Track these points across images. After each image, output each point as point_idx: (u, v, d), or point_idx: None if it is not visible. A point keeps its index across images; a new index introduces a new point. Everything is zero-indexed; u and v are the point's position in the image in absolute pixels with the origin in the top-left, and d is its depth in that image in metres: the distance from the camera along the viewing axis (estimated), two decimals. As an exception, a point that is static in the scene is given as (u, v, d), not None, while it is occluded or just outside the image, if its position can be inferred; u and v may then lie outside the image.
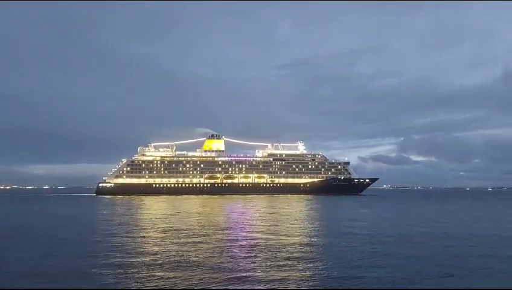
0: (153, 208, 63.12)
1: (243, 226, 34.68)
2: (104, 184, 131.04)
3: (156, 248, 22.79)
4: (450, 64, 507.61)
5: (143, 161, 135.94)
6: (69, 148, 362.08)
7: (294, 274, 16.45)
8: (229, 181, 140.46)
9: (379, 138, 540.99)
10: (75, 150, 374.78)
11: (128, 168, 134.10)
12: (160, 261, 19.07)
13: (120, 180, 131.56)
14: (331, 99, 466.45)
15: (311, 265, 18.31)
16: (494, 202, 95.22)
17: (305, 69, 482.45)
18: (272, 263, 18.38)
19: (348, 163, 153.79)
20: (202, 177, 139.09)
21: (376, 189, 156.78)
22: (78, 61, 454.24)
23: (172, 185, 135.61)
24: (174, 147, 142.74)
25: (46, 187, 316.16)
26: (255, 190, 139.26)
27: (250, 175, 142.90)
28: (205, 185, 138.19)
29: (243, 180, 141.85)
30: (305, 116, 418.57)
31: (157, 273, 16.53)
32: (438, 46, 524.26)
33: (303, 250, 22.26)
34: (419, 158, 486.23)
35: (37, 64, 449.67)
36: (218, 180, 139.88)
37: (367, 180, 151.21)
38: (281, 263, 18.58)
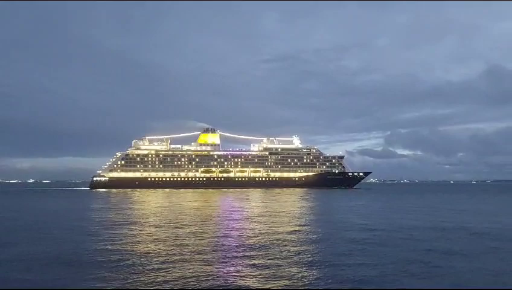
0: (149, 201, 63.01)
1: (238, 218, 34.82)
2: (99, 178, 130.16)
3: (149, 241, 22.67)
4: (434, 59, 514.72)
5: (137, 155, 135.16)
6: (54, 141, 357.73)
7: (288, 265, 16.54)
8: (225, 175, 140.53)
9: (366, 132, 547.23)
10: (60, 144, 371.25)
11: (123, 162, 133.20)
12: (152, 254, 18.90)
13: (115, 174, 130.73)
14: (317, 94, 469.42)
15: (304, 255, 18.53)
16: (478, 195, 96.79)
17: (291, 64, 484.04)
18: (266, 254, 18.43)
19: (342, 157, 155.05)
20: (198, 171, 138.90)
21: (364, 183, 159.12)
22: (60, 53, 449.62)
23: (168, 179, 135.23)
24: (169, 141, 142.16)
25: (31, 181, 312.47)
26: (251, 183, 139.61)
27: (246, 169, 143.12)
28: (201, 179, 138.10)
29: (238, 174, 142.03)
30: (291, 111, 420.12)
31: (149, 266, 16.35)
32: (422, 42, 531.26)
33: (297, 241, 22.55)
34: (405, 152, 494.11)
35: (16, 56, 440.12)
36: (214, 174, 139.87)
37: (361, 174, 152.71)
38: (275, 254, 18.68)
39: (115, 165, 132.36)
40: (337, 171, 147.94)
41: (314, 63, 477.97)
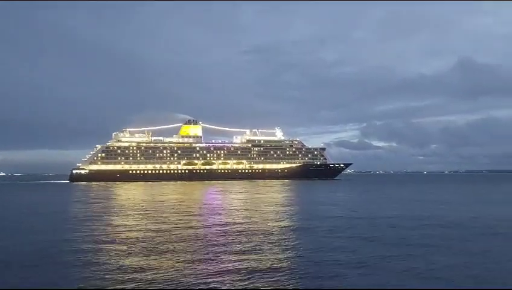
0: (130, 194, 62.37)
1: (220, 211, 34.81)
2: (78, 171, 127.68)
3: (130, 234, 22.44)
4: (408, 53, 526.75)
5: (118, 147, 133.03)
6: (27, 133, 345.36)
7: (268, 256, 16.59)
8: (208, 167, 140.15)
9: (342, 124, 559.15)
10: (35, 136, 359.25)
11: (103, 154, 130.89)
12: (134, 247, 18.67)
13: (95, 167, 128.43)
14: (295, 86, 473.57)
15: (285, 247, 18.63)
16: (449, 185, 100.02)
17: (269, 56, 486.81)
18: (247, 246, 18.44)
19: (324, 149, 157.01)
20: (180, 163, 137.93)
21: (343, 174, 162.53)
22: (36, 44, 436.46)
23: (150, 172, 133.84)
24: (150, 133, 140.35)
25: (2, 174, 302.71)
26: (234, 175, 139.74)
27: (228, 161, 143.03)
28: (183, 171, 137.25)
29: (221, 166, 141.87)
30: (271, 103, 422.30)
31: (129, 260, 16.12)
32: (396, 35, 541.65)
33: (278, 232, 22.60)
34: (381, 144, 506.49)
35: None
36: (197, 167, 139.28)
37: (342, 165, 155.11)
38: (256, 245, 18.76)
39: (95, 158, 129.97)
40: (319, 163, 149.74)
41: (292, 55, 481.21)
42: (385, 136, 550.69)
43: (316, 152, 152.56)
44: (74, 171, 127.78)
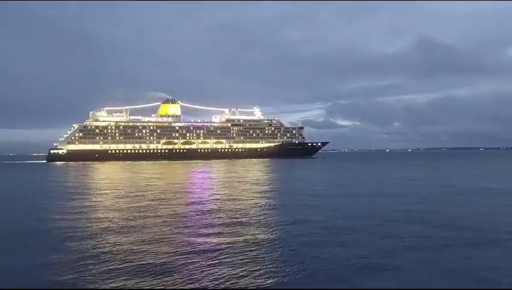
0: (109, 173, 62.69)
1: (201, 189, 35.29)
2: (56, 150, 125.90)
3: (108, 214, 21.79)
4: (371, 32, 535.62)
5: (96, 127, 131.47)
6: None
7: (247, 231, 16.89)
8: (188, 147, 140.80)
9: (309, 103, 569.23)
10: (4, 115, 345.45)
11: (81, 134, 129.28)
12: (113, 226, 18.29)
13: (73, 147, 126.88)
14: (261, 64, 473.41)
15: (265, 222, 19.04)
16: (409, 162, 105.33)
17: (234, 33, 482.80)
18: (228, 226, 18.06)
19: (302, 128, 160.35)
20: (159, 143, 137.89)
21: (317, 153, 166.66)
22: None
23: (129, 151, 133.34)
24: (128, 112, 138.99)
25: None
26: (214, 155, 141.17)
27: (208, 141, 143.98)
28: (163, 150, 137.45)
29: (201, 145, 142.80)
30: (236, 81, 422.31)
31: (107, 240, 15.52)
32: (360, 15, 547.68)
33: (257, 210, 22.70)
34: (346, 122, 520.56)
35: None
36: (177, 146, 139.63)
37: (319, 144, 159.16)
38: (236, 224, 18.53)
39: (73, 138, 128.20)
40: (297, 142, 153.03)
41: (257, 33, 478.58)
42: (350, 115, 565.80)
43: (294, 131, 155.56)
44: (52, 151, 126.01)
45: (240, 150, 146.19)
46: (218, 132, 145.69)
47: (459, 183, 38.32)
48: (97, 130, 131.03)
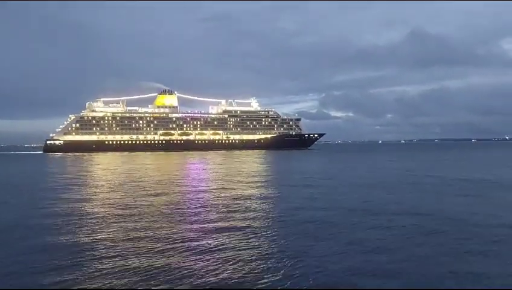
0: (106, 164, 62.91)
1: (200, 180, 35.76)
2: (52, 141, 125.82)
3: (105, 202, 22.50)
4: (364, 23, 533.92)
5: (93, 117, 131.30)
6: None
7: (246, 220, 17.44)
8: (185, 138, 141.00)
9: (302, 94, 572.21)
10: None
11: (78, 125, 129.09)
12: (109, 215, 18.82)
13: (70, 137, 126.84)
14: (254, 56, 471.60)
15: (263, 212, 19.61)
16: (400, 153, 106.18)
17: (227, 24, 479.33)
18: (225, 215, 18.65)
19: (299, 119, 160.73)
20: (157, 134, 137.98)
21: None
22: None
23: (126, 142, 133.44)
24: (125, 102, 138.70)
25: None
26: (211, 146, 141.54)
27: (205, 132, 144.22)
28: (160, 141, 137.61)
29: (198, 136, 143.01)
30: (229, 73, 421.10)
31: (101, 227, 16.09)
32: (353, 6, 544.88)
33: (255, 200, 23.41)
34: (339, 114, 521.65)
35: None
36: (174, 137, 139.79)
37: (316, 135, 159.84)
38: (233, 212, 19.26)
39: (70, 128, 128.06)
40: (294, 133, 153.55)
41: (250, 23, 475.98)
42: (343, 107, 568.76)
43: (291, 122, 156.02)
44: (48, 142, 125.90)
45: (237, 141, 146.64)
46: (215, 123, 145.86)
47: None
48: (94, 121, 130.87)
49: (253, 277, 10.44)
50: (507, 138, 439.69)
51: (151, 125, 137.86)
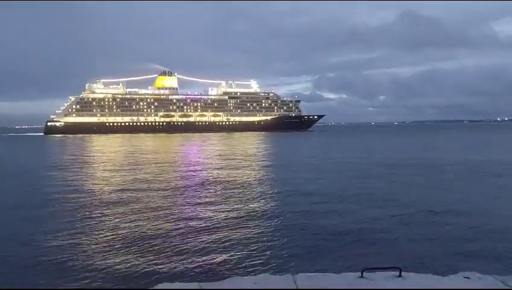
0: (108, 146, 63.48)
1: (201, 161, 36.33)
2: (53, 123, 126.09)
3: (104, 186, 22.81)
4: (357, 4, 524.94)
5: (93, 99, 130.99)
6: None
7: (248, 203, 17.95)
8: (185, 120, 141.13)
9: (296, 76, 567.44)
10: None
11: (78, 106, 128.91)
12: (108, 197, 19.20)
13: (70, 119, 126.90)
14: (247, 37, 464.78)
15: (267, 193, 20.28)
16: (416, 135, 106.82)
17: (218, 3, 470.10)
18: (224, 197, 19.06)
19: (299, 101, 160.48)
20: (157, 115, 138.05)
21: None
22: None
23: (127, 124, 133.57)
24: (125, 84, 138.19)
25: None
26: (212, 128, 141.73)
27: (205, 113, 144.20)
28: (161, 123, 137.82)
29: (199, 118, 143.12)
30: (221, 54, 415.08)
31: (99, 210, 16.36)
32: None
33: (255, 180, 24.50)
34: (332, 95, 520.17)
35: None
36: (174, 119, 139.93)
37: (315, 117, 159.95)
38: (234, 194, 19.87)
39: (70, 110, 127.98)
40: (294, 115, 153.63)
41: (242, 3, 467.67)
42: (336, 88, 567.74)
43: (291, 104, 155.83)
44: (49, 124, 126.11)
45: (237, 123, 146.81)
46: (215, 104, 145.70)
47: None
48: (94, 103, 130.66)
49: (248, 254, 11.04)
50: (499, 119, 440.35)
51: (152, 107, 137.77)
